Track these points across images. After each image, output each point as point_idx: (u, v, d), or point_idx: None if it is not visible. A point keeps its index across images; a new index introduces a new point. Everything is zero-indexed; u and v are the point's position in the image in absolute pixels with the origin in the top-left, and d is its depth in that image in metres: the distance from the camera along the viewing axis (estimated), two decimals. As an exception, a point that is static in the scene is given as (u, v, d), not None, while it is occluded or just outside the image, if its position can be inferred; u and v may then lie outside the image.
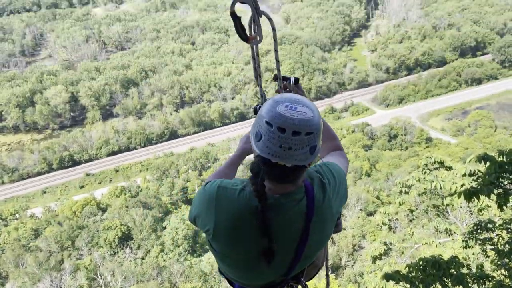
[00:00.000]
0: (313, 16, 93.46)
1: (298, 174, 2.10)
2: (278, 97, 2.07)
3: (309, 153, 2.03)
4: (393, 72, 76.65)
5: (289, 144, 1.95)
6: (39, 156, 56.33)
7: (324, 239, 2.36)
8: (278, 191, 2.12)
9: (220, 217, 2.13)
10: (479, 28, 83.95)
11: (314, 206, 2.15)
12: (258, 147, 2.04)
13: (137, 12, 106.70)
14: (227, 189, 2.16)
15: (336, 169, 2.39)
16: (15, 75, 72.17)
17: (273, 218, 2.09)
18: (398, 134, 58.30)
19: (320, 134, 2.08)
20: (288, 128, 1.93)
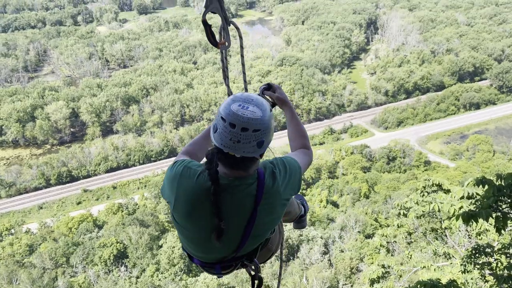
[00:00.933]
0: (314, 38, 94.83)
1: (248, 164, 2.46)
2: (236, 96, 2.45)
3: (257, 147, 2.40)
4: (392, 95, 77.34)
5: (238, 138, 2.32)
6: (37, 171, 56.18)
7: (272, 222, 2.64)
8: (232, 175, 2.46)
9: (179, 192, 2.46)
10: (477, 54, 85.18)
11: (263, 190, 2.47)
12: (214, 137, 2.42)
13: (140, 31, 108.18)
14: (191, 169, 2.50)
15: (290, 162, 2.72)
16: (17, 90, 72.58)
17: (224, 199, 2.40)
18: (397, 157, 58.39)
19: (268, 131, 2.44)
20: (238, 124, 2.31)
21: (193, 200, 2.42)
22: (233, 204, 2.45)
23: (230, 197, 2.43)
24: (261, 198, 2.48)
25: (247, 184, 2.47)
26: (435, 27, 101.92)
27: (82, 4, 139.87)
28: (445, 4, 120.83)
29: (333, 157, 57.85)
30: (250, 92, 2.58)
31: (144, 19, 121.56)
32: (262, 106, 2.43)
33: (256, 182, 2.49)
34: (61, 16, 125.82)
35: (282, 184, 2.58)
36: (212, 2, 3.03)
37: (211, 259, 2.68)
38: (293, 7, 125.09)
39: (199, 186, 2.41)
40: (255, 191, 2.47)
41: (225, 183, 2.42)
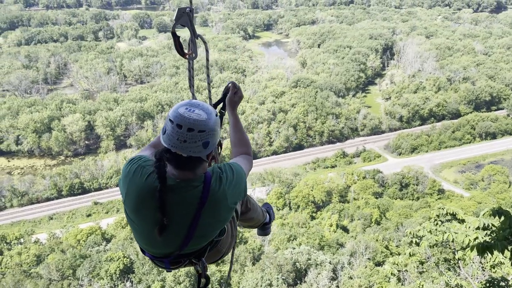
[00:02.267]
0: (329, 62, 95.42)
1: (195, 164, 2.65)
2: (184, 101, 2.72)
3: (202, 147, 2.60)
4: (407, 121, 76.84)
5: (184, 138, 2.53)
6: (50, 182, 56.77)
7: (216, 224, 2.76)
8: (180, 177, 2.62)
9: (130, 189, 2.63)
10: (494, 83, 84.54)
11: (208, 193, 2.61)
12: (163, 139, 2.63)
13: (159, 49, 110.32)
14: (144, 168, 2.65)
15: (237, 168, 2.87)
16: (35, 101, 74.17)
17: (170, 197, 2.53)
18: (410, 184, 57.55)
19: (214, 134, 2.66)
20: (184, 125, 2.54)
21: (140, 196, 2.57)
22: (178, 203, 2.57)
23: (176, 197, 2.57)
24: (205, 200, 2.61)
25: (193, 186, 2.61)
26: (452, 55, 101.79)
27: (104, 20, 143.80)
28: (462, 33, 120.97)
29: (345, 181, 57.30)
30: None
31: (163, 37, 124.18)
32: (208, 110, 2.67)
33: (202, 185, 2.62)
34: (83, 31, 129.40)
35: (229, 189, 2.71)
36: (182, 16, 3.28)
37: (158, 253, 2.81)
38: (310, 30, 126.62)
39: (148, 185, 2.56)
40: (200, 193, 2.60)
41: (172, 184, 2.57)
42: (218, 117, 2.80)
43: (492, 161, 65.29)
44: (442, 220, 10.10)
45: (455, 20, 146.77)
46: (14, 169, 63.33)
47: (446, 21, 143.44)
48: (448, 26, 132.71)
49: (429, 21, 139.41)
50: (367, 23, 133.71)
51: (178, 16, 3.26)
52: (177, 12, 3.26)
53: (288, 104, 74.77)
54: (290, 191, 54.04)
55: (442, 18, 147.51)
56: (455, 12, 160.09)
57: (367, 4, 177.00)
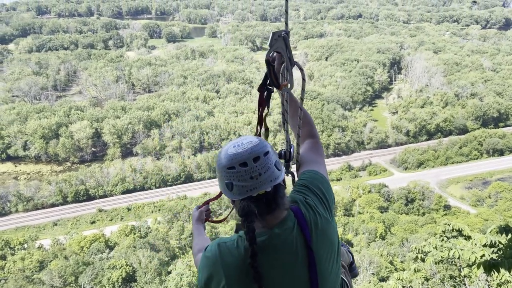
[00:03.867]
0: (337, 75, 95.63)
1: (281, 194, 2.28)
2: (224, 147, 2.31)
3: (277, 170, 2.25)
4: (413, 135, 76.53)
5: (257, 171, 2.16)
6: (56, 188, 57.01)
7: (333, 253, 2.34)
8: (272, 223, 2.24)
9: (229, 272, 2.18)
10: (502, 100, 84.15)
11: (307, 226, 2.26)
12: (235, 194, 2.21)
13: (167, 58, 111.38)
14: (226, 243, 2.26)
15: (312, 179, 2.54)
16: (44, 107, 74.89)
17: (264, 262, 2.14)
18: (416, 199, 57.08)
19: (274, 150, 2.30)
20: (247, 159, 2.17)
21: (245, 270, 2.14)
22: (282, 258, 2.20)
23: (277, 253, 2.20)
24: (309, 234, 2.26)
25: (289, 228, 2.25)
26: (459, 71, 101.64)
27: (115, 29, 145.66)
28: (470, 49, 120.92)
29: (350, 195, 56.97)
30: None
31: (172, 47, 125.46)
32: (252, 136, 2.36)
33: (296, 220, 2.27)
34: (93, 39, 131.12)
35: (323, 207, 2.39)
36: (278, 41, 2.80)
37: None
38: (318, 43, 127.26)
39: (244, 253, 2.17)
40: (300, 231, 2.25)
41: (264, 238, 2.21)
42: None
43: (499, 178, 64.66)
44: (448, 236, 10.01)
45: (463, 36, 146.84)
46: (21, 174, 63.73)
47: (454, 37, 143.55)
48: (456, 42, 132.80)
49: (437, 37, 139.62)
50: (375, 37, 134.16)
51: (272, 41, 2.78)
52: (272, 37, 2.77)
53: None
54: (295, 203, 53.73)
55: (450, 34, 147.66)
56: (463, 28, 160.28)
57: (375, 19, 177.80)
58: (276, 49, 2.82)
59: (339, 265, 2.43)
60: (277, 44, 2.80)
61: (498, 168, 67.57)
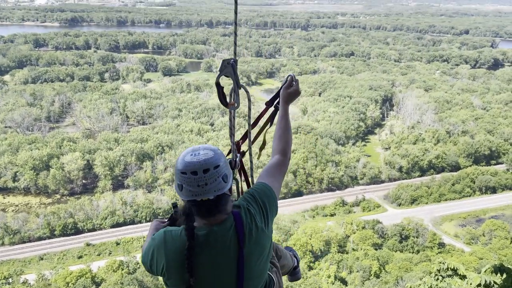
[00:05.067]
0: (330, 110, 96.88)
1: (223, 202, 2.64)
2: (184, 152, 2.71)
3: (223, 182, 2.60)
4: (406, 171, 76.78)
5: (204, 181, 2.53)
6: (44, 221, 55.82)
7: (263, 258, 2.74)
8: (212, 222, 2.63)
9: (169, 257, 2.57)
10: (493, 138, 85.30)
11: (243, 229, 2.62)
12: (183, 195, 2.63)
13: (162, 91, 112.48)
14: (171, 232, 2.65)
15: (259, 190, 2.93)
16: (36, 138, 74.54)
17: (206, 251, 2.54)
18: (410, 236, 56.52)
19: (227, 164, 2.67)
20: (198, 169, 2.53)
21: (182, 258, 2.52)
22: (216, 253, 2.56)
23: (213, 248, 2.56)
24: (243, 237, 2.60)
25: (226, 228, 2.62)
26: (450, 108, 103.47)
27: (111, 62, 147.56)
28: (460, 87, 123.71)
29: (344, 231, 56.33)
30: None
31: (167, 80, 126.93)
32: (211, 147, 2.70)
33: (234, 223, 2.63)
34: (90, 72, 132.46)
35: (261, 218, 2.76)
36: (226, 67, 3.37)
37: None
38: (311, 79, 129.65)
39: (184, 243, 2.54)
40: (235, 233, 2.60)
41: (204, 233, 2.57)
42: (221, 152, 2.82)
43: (492, 215, 64.54)
44: (443, 275, 9.73)
45: (453, 75, 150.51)
46: (9, 206, 62.50)
47: (444, 75, 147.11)
48: (446, 81, 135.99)
49: (428, 75, 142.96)
50: (367, 75, 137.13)
51: (222, 67, 3.37)
52: (222, 64, 3.36)
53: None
54: (288, 239, 52.95)
55: (440, 73, 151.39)
56: (453, 68, 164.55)
57: (367, 57, 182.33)
58: (225, 74, 3.41)
59: (267, 266, 2.87)
60: (226, 70, 3.39)
61: (491, 206, 67.55)
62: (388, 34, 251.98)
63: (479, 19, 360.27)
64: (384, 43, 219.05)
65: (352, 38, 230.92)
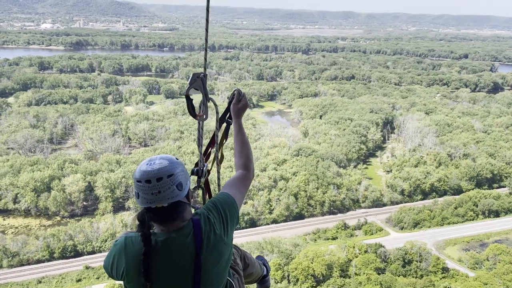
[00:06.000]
0: (331, 132, 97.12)
1: (179, 209, 2.73)
2: (142, 161, 2.81)
3: (177, 190, 2.69)
4: (408, 194, 76.34)
5: (157, 189, 2.62)
6: (43, 243, 55.32)
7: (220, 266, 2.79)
8: (170, 229, 2.70)
9: (129, 261, 2.66)
10: (495, 161, 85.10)
11: (201, 237, 2.69)
12: (139, 202, 2.72)
13: (165, 113, 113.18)
14: (132, 237, 2.76)
15: (222, 200, 3.01)
16: (38, 160, 74.61)
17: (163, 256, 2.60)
18: (413, 260, 55.71)
19: (182, 173, 2.75)
20: (152, 177, 2.63)
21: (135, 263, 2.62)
22: (173, 258, 2.62)
23: (170, 251, 2.63)
24: (201, 244, 2.69)
25: (185, 234, 2.70)
26: (451, 132, 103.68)
27: (114, 85, 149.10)
28: (461, 111, 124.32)
29: (346, 254, 55.58)
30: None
31: (170, 103, 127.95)
32: (167, 157, 2.81)
33: (193, 230, 2.72)
34: (93, 94, 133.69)
35: (220, 226, 2.83)
36: (196, 80, 3.49)
37: None
38: (312, 102, 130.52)
39: (138, 250, 2.63)
40: (193, 239, 2.68)
41: (162, 239, 2.65)
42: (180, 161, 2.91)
43: (496, 239, 63.77)
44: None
45: (454, 99, 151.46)
46: (8, 228, 62.04)
47: (444, 99, 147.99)
48: (446, 104, 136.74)
49: (428, 99, 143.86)
50: (368, 98, 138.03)
51: (192, 80, 3.48)
52: (192, 77, 3.47)
53: (289, 172, 74.87)
54: (290, 262, 52.26)
55: (440, 96, 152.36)
56: (453, 91, 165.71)
57: (367, 80, 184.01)
58: (194, 87, 3.51)
59: (225, 273, 2.91)
60: (196, 83, 3.50)
61: (494, 230, 66.82)
62: (388, 58, 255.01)
63: (478, 44, 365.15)
64: (384, 67, 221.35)
65: (353, 61, 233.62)
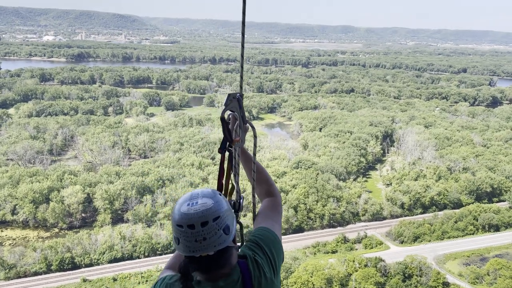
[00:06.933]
0: (330, 145, 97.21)
1: (226, 256, 2.41)
2: (180, 199, 2.46)
3: (225, 234, 2.34)
4: (408, 208, 76.08)
5: (202, 235, 2.26)
6: (41, 255, 54.89)
7: None
8: (215, 277, 2.40)
9: None
10: (495, 175, 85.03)
11: (251, 282, 2.45)
12: (180, 249, 2.34)
13: (165, 125, 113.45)
14: (172, 286, 2.44)
15: (264, 238, 2.75)
16: (37, 171, 74.47)
17: None
18: (413, 275, 55.27)
19: (229, 213, 2.41)
20: (196, 222, 2.26)
21: None
22: None
23: None
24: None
25: (233, 282, 2.43)
26: (451, 145, 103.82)
27: (115, 97, 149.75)
28: (460, 124, 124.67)
29: (346, 268, 55.14)
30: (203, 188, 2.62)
31: (170, 115, 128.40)
32: (210, 194, 2.44)
33: (241, 276, 2.46)
34: (94, 106, 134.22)
35: (269, 268, 2.59)
36: (232, 101, 3.25)
37: None
38: (312, 114, 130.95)
39: None
40: (243, 286, 2.44)
41: None
42: (222, 195, 2.56)
43: (496, 254, 63.35)
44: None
45: (453, 112, 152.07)
46: (6, 239, 61.65)
47: (443, 112, 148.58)
48: (446, 118, 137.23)
49: (427, 112, 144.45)
50: (367, 111, 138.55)
51: (228, 102, 3.25)
52: (227, 98, 3.24)
53: (289, 185, 74.73)
54: (289, 276, 51.80)
55: (439, 110, 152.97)
56: (452, 105, 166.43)
57: (367, 93, 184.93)
58: (230, 109, 3.27)
59: None
60: (232, 104, 3.26)
61: (494, 244, 66.43)
62: (387, 71, 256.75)
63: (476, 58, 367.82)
64: (383, 80, 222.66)
65: (352, 75, 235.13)
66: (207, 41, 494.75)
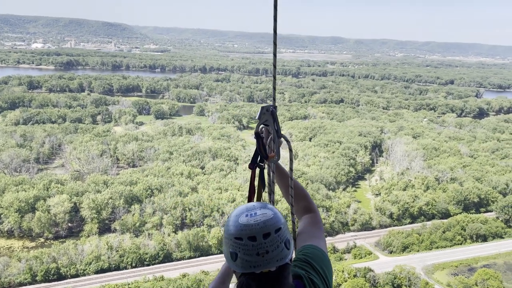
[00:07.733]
0: (320, 155, 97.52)
1: (285, 274, 2.21)
2: (236, 210, 2.26)
3: (286, 249, 2.15)
4: (397, 218, 76.39)
5: (265, 248, 2.06)
6: (26, 265, 53.74)
7: None
8: None
9: None
10: (482, 185, 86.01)
11: None
12: (237, 266, 2.13)
13: (154, 134, 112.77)
14: None
15: (313, 255, 2.62)
16: (23, 180, 73.24)
17: None
18: (402, 285, 55.32)
19: (286, 226, 2.23)
20: (258, 233, 2.06)
21: None
22: None
23: None
24: None
25: None
26: (438, 156, 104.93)
27: (104, 105, 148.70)
28: (447, 135, 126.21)
29: (335, 279, 54.98)
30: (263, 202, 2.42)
31: (160, 123, 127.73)
32: (267, 205, 2.26)
33: None
34: (82, 114, 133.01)
35: (323, 286, 2.48)
36: (265, 114, 3.05)
37: None
38: (302, 124, 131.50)
39: None
40: None
41: None
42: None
43: (484, 264, 63.79)
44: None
45: (440, 123, 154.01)
46: (-11, 249, 60.32)
47: (431, 123, 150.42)
48: (433, 128, 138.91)
49: (416, 123, 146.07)
50: (357, 121, 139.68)
51: (261, 115, 3.07)
52: (260, 111, 3.05)
53: (279, 195, 74.48)
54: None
55: (427, 121, 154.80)
56: (439, 116, 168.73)
57: (356, 104, 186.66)
58: (264, 122, 3.07)
59: None
60: (265, 117, 3.05)
61: (482, 254, 66.90)
62: (376, 82, 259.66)
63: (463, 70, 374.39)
64: (372, 91, 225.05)
65: (342, 85, 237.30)
66: (198, 50, 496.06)
